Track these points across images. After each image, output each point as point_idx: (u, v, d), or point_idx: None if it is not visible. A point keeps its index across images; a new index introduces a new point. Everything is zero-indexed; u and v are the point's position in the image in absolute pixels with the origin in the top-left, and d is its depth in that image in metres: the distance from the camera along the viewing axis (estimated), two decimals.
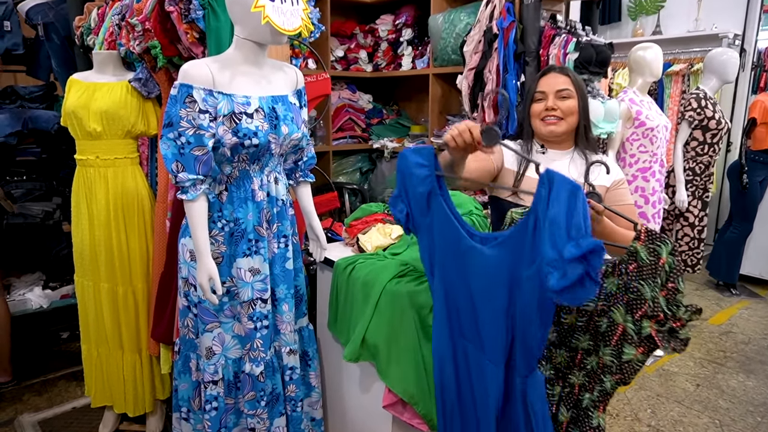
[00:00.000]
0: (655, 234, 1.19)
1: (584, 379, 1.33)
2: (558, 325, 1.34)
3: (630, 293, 1.22)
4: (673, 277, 1.17)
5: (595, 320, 1.29)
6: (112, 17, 2.13)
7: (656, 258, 1.18)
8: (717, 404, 2.66)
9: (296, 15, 1.48)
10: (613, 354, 1.25)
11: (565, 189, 1.03)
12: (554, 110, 1.50)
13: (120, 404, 2.20)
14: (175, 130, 1.41)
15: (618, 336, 1.24)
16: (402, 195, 1.33)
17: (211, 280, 1.49)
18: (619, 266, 1.24)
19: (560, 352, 1.35)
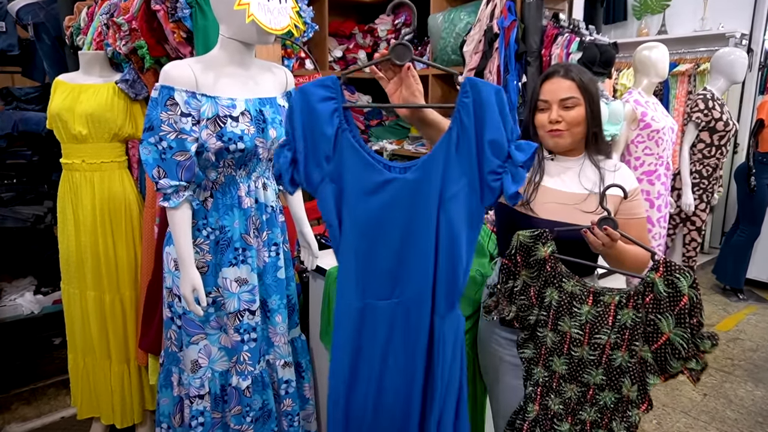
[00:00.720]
0: (675, 266, 1.14)
1: (596, 416, 1.26)
2: (568, 358, 1.27)
3: (647, 325, 1.18)
4: (696, 312, 1.13)
5: (608, 354, 1.22)
6: (101, 17, 2.06)
7: (674, 290, 1.14)
8: (725, 415, 2.57)
9: (284, 13, 1.41)
10: (640, 387, 1.20)
11: (491, 92, 1.08)
12: (558, 122, 1.36)
13: (107, 415, 2.14)
14: (156, 134, 1.35)
15: (639, 368, 1.20)
16: (291, 142, 1.13)
17: (195, 291, 1.43)
18: (634, 298, 1.19)
19: (570, 386, 1.28)
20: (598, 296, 1.22)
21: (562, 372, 1.28)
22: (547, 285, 1.26)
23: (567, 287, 1.25)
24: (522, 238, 1.25)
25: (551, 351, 1.28)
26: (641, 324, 1.18)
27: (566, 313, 1.25)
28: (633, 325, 1.19)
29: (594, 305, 1.23)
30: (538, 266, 1.26)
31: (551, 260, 1.25)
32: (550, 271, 1.25)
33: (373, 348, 1.20)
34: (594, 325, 1.22)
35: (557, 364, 1.28)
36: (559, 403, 1.29)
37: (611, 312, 1.21)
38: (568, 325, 1.25)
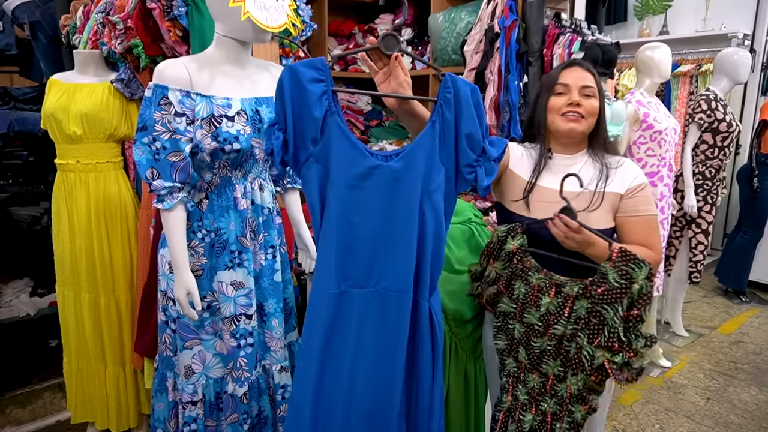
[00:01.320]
0: (630, 255, 1.12)
1: (555, 407, 1.26)
2: (528, 348, 1.27)
3: (593, 317, 1.15)
4: (639, 304, 1.10)
5: (565, 345, 1.23)
6: (97, 15, 2.04)
7: (628, 281, 1.11)
8: (728, 419, 2.54)
9: (281, 11, 1.38)
10: (584, 382, 1.18)
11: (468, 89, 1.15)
12: (578, 106, 1.34)
13: (102, 420, 2.11)
14: (150, 134, 1.32)
15: (581, 362, 1.19)
16: (281, 122, 1.13)
17: (189, 294, 1.40)
18: (590, 288, 1.17)
19: (532, 376, 1.29)
20: (560, 288, 1.24)
21: (526, 362, 1.30)
22: (514, 277, 1.30)
23: (533, 280, 1.28)
24: (498, 233, 1.31)
25: (518, 342, 1.31)
26: (591, 315, 1.17)
27: (532, 305, 1.28)
28: (586, 316, 1.18)
29: (555, 297, 1.24)
30: (507, 258, 1.30)
31: (519, 253, 1.28)
32: (517, 264, 1.29)
33: (346, 335, 1.19)
34: (552, 316, 1.24)
35: (522, 355, 1.31)
36: (525, 393, 1.31)
37: (569, 303, 1.22)
38: (533, 316, 1.27)
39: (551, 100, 1.38)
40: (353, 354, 1.19)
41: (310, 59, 1.13)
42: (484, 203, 2.49)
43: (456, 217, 1.89)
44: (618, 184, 1.37)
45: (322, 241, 1.18)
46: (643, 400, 2.70)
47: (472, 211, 1.93)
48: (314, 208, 1.16)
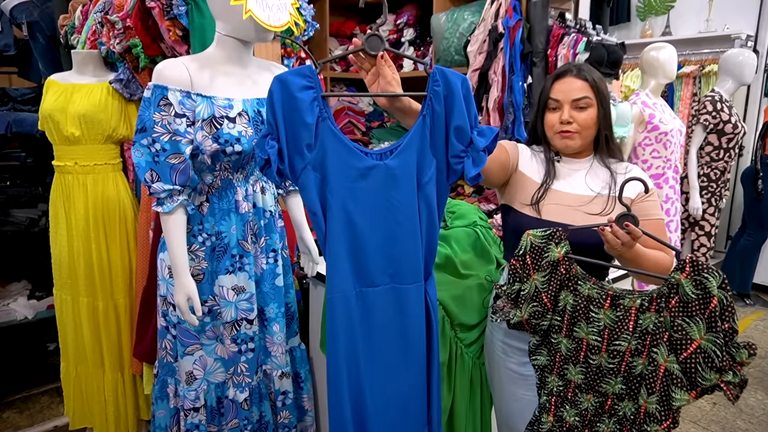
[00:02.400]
0: (703, 265, 1.05)
1: (615, 427, 1.18)
2: (585, 366, 1.19)
3: (674, 331, 1.07)
4: (727, 316, 1.02)
5: (628, 361, 1.14)
6: (95, 15, 2.01)
7: (703, 292, 1.04)
8: (735, 425, 2.51)
9: (283, 10, 1.35)
10: (660, 401, 1.09)
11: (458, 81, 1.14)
12: (570, 123, 1.31)
13: (101, 425, 2.08)
14: (149, 135, 1.28)
15: (661, 379, 1.09)
16: (273, 132, 1.11)
17: (190, 299, 1.36)
18: (657, 301, 1.10)
19: (587, 397, 1.20)
20: (617, 299, 1.15)
21: (578, 381, 1.20)
22: (561, 288, 1.19)
23: (583, 290, 1.17)
24: (533, 239, 1.18)
25: (566, 359, 1.21)
26: (664, 329, 1.09)
27: (582, 318, 1.18)
28: (655, 330, 1.10)
29: (612, 309, 1.15)
30: (550, 268, 1.18)
31: (565, 262, 1.17)
32: (564, 273, 1.18)
33: (371, 333, 1.19)
34: (613, 331, 1.15)
35: (572, 373, 1.21)
36: (575, 415, 1.21)
37: (632, 316, 1.13)
38: (584, 331, 1.18)
39: (546, 117, 1.37)
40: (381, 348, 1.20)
41: (298, 68, 1.12)
42: (489, 206, 2.46)
43: (461, 220, 1.86)
44: (629, 190, 1.34)
45: (329, 246, 1.17)
46: None
47: (477, 214, 1.90)
48: (316, 215, 1.16)
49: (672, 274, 1.08)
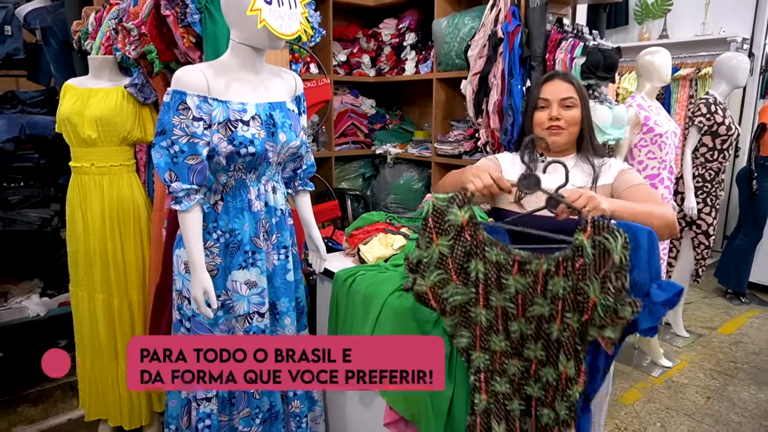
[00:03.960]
0: (604, 225, 1.02)
1: (540, 393, 1.17)
2: (506, 334, 1.17)
3: (577, 294, 1.05)
4: (621, 274, 1.00)
5: (544, 327, 1.12)
6: (109, 21, 2.08)
7: (603, 251, 1.01)
8: (729, 418, 2.58)
9: (294, 19, 1.43)
10: (576, 362, 1.09)
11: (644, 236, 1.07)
12: (558, 119, 1.45)
13: (115, 417, 2.15)
14: (168, 138, 1.36)
15: (573, 342, 1.09)
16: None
17: (206, 293, 1.44)
18: (564, 264, 1.07)
19: (513, 361, 1.19)
20: (524, 264, 1.11)
21: (503, 348, 1.17)
22: (469, 256, 1.13)
23: (491, 257, 1.12)
24: (435, 201, 1.12)
25: (488, 330, 1.17)
26: (573, 293, 1.06)
27: (495, 286, 1.14)
28: (564, 294, 1.07)
29: (521, 275, 1.11)
30: (454, 233, 1.12)
31: (470, 227, 1.11)
32: (470, 239, 1.12)
33: None
34: (525, 297, 1.12)
35: (496, 342, 1.18)
36: (506, 382, 1.20)
37: (540, 281, 1.10)
38: (498, 298, 1.14)
39: (535, 115, 1.50)
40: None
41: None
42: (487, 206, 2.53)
43: None
44: (606, 177, 1.48)
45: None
46: (644, 399, 2.74)
47: (478, 212, 1.98)
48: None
49: (576, 235, 1.05)
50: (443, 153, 3.07)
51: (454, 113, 3.19)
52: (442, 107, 3.14)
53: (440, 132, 3.14)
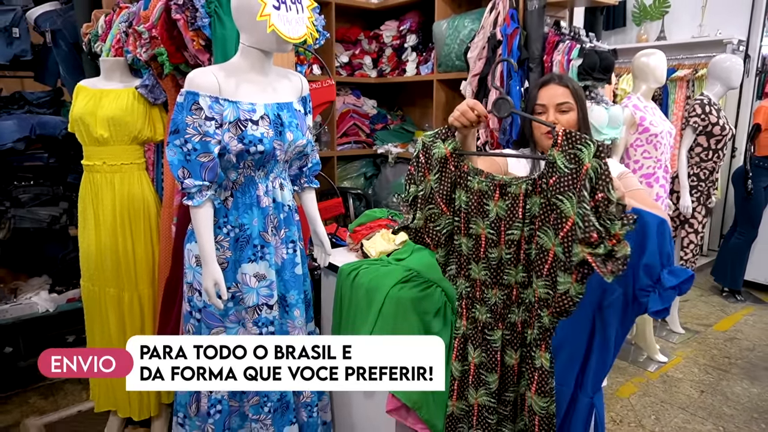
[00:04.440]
0: (575, 135, 1.02)
1: (525, 315, 1.20)
2: (486, 262, 1.20)
3: (551, 210, 1.06)
4: (601, 185, 0.99)
5: (524, 248, 1.14)
6: (120, 24, 2.15)
7: (577, 165, 1.01)
8: (721, 411, 2.65)
9: (301, 23, 1.50)
10: (548, 285, 1.11)
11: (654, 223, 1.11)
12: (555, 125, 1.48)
13: (124, 409, 2.21)
14: (182, 136, 1.43)
15: (549, 263, 1.09)
16: None
17: (217, 285, 1.50)
18: (540, 182, 1.09)
19: (493, 291, 1.22)
20: (505, 188, 1.14)
21: (483, 278, 1.21)
22: (454, 187, 1.18)
23: (473, 185, 1.16)
24: (424, 138, 1.18)
25: (468, 258, 1.21)
26: (549, 210, 1.07)
27: (476, 213, 1.17)
28: (541, 212, 1.09)
29: (502, 199, 1.15)
30: (439, 165, 1.18)
31: (454, 158, 1.17)
32: (455, 170, 1.17)
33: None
34: (506, 221, 1.15)
35: (476, 271, 1.21)
36: (486, 312, 1.23)
37: (520, 203, 1.13)
38: (480, 225, 1.17)
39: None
40: None
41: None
42: None
43: None
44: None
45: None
46: (639, 392, 2.81)
47: None
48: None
49: (549, 151, 1.07)
50: None
51: None
52: (443, 108, 3.20)
53: None
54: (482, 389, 1.28)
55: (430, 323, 1.61)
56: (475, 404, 1.31)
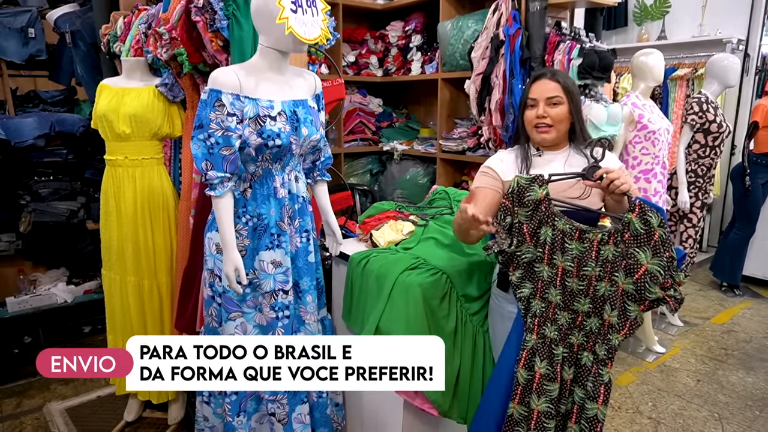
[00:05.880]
0: (647, 207, 1.34)
1: (583, 339, 1.45)
2: (562, 288, 1.44)
3: (628, 258, 1.36)
4: (667, 246, 1.33)
5: (594, 285, 1.41)
6: (139, 26, 2.25)
7: (648, 227, 1.33)
8: (716, 398, 2.74)
9: (316, 25, 1.60)
10: (620, 314, 1.38)
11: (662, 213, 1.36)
12: (545, 118, 1.56)
13: (144, 392, 2.32)
14: (205, 131, 1.53)
15: (620, 297, 1.38)
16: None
17: (237, 270, 1.60)
18: (614, 236, 1.38)
19: (563, 314, 1.45)
20: (584, 233, 1.41)
21: (557, 301, 1.45)
22: (541, 224, 1.44)
23: (559, 225, 1.43)
24: (519, 180, 1.45)
25: (547, 284, 1.46)
26: (621, 258, 1.37)
27: (559, 248, 1.43)
28: (613, 259, 1.38)
29: (580, 241, 1.41)
30: (533, 206, 1.44)
31: (545, 201, 1.43)
32: (545, 211, 1.43)
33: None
34: (581, 259, 1.41)
35: (553, 295, 1.46)
36: (554, 330, 1.47)
37: (594, 247, 1.40)
38: (561, 259, 1.43)
39: (525, 114, 1.62)
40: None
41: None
42: None
43: None
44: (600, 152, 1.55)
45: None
46: (637, 381, 2.90)
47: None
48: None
49: (625, 214, 1.37)
50: (448, 149, 3.23)
51: (458, 111, 3.35)
52: (447, 106, 3.30)
53: (445, 129, 3.30)
54: (544, 397, 1.48)
55: (437, 307, 1.71)
56: (536, 410, 1.49)
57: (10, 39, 3.16)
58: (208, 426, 1.86)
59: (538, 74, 1.61)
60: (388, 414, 1.88)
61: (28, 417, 2.52)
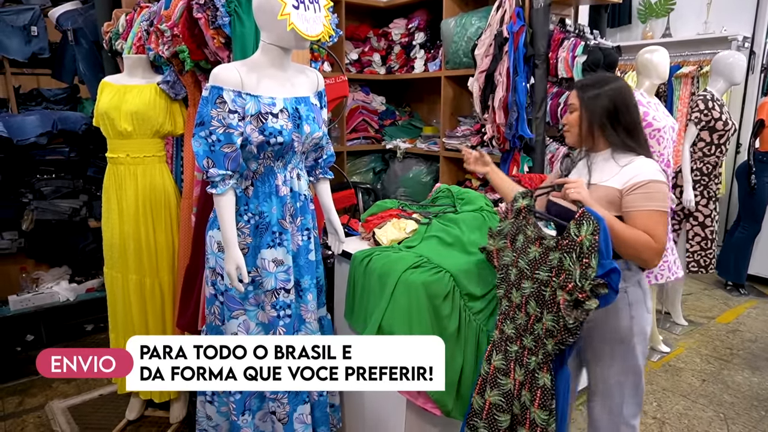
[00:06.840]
0: (588, 214, 1.35)
1: (532, 344, 1.49)
2: (521, 291, 1.51)
3: (560, 265, 1.40)
4: (588, 254, 1.33)
5: (542, 290, 1.45)
6: (141, 23, 2.25)
7: (579, 234, 1.36)
8: (722, 398, 2.72)
9: (318, 22, 1.58)
10: (554, 319, 1.41)
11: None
12: (565, 123, 1.70)
13: (145, 391, 2.31)
14: (207, 128, 1.52)
15: (556, 302, 1.41)
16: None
17: (238, 269, 1.59)
18: (561, 242, 1.41)
19: (521, 314, 1.52)
20: (543, 240, 1.48)
21: (518, 301, 1.53)
22: (518, 231, 1.57)
23: (528, 232, 1.53)
24: (517, 193, 1.62)
25: (513, 284, 1.55)
26: (560, 263, 1.40)
27: (523, 252, 1.52)
28: (558, 264, 1.41)
29: (539, 247, 1.48)
30: (515, 214, 1.60)
31: (524, 211, 1.57)
32: (522, 220, 1.57)
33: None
34: (536, 263, 1.47)
35: (515, 296, 1.54)
36: (512, 328, 1.55)
37: (548, 254, 1.45)
38: (524, 262, 1.51)
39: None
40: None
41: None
42: (494, 195, 2.68)
43: (469, 205, 2.09)
44: (617, 180, 1.53)
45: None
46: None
47: (484, 200, 2.13)
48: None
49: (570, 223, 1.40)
50: (451, 147, 3.22)
51: (461, 109, 3.33)
52: (450, 104, 3.28)
53: (448, 127, 3.28)
54: (497, 390, 1.56)
55: (440, 306, 1.69)
56: (488, 401, 1.57)
57: (12, 37, 3.16)
58: (211, 425, 1.85)
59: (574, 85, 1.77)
60: (390, 414, 1.87)
61: (31, 415, 2.52)
